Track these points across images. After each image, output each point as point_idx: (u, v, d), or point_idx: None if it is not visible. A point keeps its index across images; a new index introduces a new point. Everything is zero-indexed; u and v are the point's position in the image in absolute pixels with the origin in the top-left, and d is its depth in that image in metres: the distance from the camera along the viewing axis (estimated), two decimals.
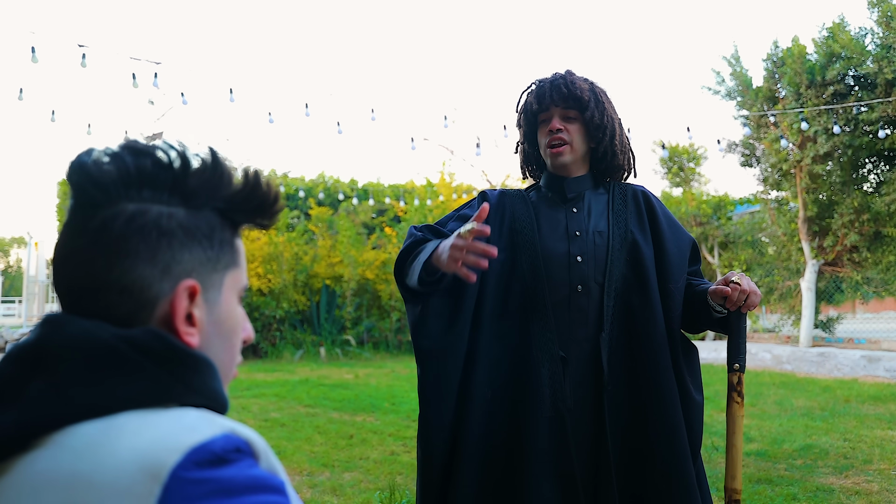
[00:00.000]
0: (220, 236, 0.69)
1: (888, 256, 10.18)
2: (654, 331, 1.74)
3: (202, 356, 0.66)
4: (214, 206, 0.69)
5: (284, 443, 5.15)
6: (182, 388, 0.63)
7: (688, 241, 1.90)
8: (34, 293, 19.89)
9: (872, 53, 9.69)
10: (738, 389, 1.73)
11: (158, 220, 0.65)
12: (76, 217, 0.66)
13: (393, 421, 6.03)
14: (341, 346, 12.10)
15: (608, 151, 1.83)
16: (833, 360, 9.19)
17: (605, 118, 1.81)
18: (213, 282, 0.69)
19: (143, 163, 0.66)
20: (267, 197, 0.71)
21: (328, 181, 15.45)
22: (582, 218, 1.82)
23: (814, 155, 10.14)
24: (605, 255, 1.77)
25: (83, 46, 7.45)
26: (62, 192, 15.48)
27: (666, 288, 1.78)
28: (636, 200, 1.86)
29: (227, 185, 0.69)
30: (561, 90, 1.80)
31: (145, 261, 0.64)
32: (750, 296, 1.67)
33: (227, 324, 0.71)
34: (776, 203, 11.61)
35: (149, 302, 0.65)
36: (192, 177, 0.67)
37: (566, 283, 1.76)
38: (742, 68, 11.15)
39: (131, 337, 0.62)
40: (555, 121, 1.81)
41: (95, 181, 0.65)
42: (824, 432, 5.40)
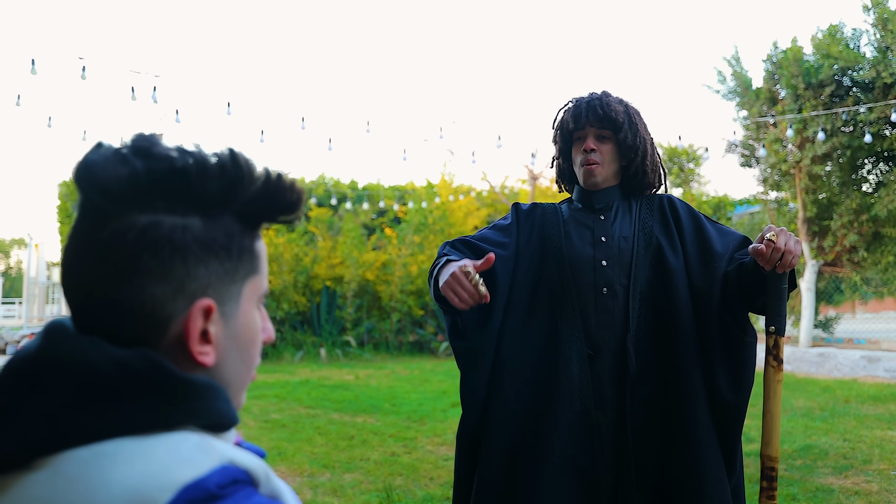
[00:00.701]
0: (240, 244, 0.65)
1: (887, 257, 10.19)
2: (680, 333, 1.77)
3: (203, 382, 0.62)
4: (234, 211, 0.64)
5: (285, 444, 5.16)
6: (180, 414, 0.60)
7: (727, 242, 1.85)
8: (34, 295, 19.88)
9: (868, 59, 9.70)
10: (774, 353, 1.67)
11: (172, 234, 0.60)
12: (83, 225, 0.61)
13: (393, 422, 6.04)
14: (342, 347, 12.10)
15: (639, 170, 1.91)
16: (833, 360, 9.20)
17: (638, 139, 1.89)
18: (231, 294, 0.65)
19: (155, 168, 0.60)
20: (290, 196, 0.67)
21: (328, 182, 15.46)
22: (608, 225, 1.89)
23: (813, 156, 10.15)
24: (630, 259, 1.84)
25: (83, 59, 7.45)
26: (63, 193, 15.48)
27: (693, 289, 1.79)
28: (662, 208, 1.92)
29: (248, 188, 0.64)
30: (597, 111, 1.87)
31: (157, 279, 0.60)
32: (784, 255, 1.58)
33: (244, 336, 0.67)
34: (776, 204, 11.62)
35: (161, 322, 0.61)
36: (209, 182, 0.62)
37: (592, 286, 1.83)
38: (742, 69, 11.17)
39: (126, 362, 0.59)
40: (589, 140, 1.89)
41: (103, 189, 0.60)
42: (824, 432, 5.41)
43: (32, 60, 8.42)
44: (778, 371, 1.66)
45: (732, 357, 1.77)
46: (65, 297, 0.64)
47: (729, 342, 1.77)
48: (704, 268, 1.82)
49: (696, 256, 1.84)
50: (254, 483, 0.59)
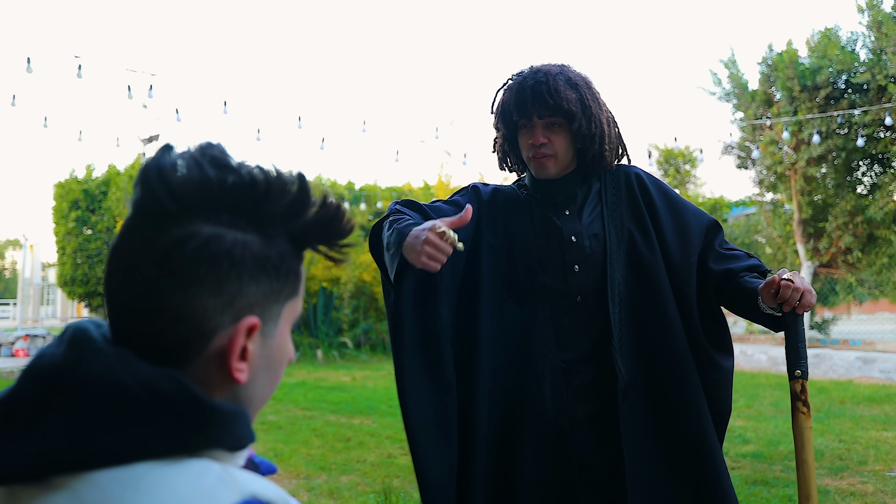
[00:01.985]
0: (288, 265, 0.65)
1: (881, 258, 10.24)
2: (667, 331, 1.64)
3: (228, 409, 0.61)
4: (289, 232, 0.64)
5: (281, 446, 5.15)
6: (203, 440, 0.59)
7: (700, 222, 1.74)
8: (29, 296, 19.81)
9: (863, 62, 9.75)
10: (802, 398, 1.54)
11: (233, 248, 0.60)
12: (143, 225, 0.60)
13: (390, 423, 6.03)
14: (338, 348, 12.10)
15: (596, 154, 1.70)
16: (828, 361, 9.23)
17: (594, 125, 1.66)
18: (273, 314, 0.65)
19: (226, 179, 0.60)
20: (344, 226, 0.67)
21: (325, 183, 15.45)
22: (574, 220, 1.70)
23: (808, 158, 10.19)
24: (603, 260, 1.67)
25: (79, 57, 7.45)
26: (58, 194, 15.42)
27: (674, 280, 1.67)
28: (630, 188, 1.73)
29: (307, 214, 0.65)
30: (545, 101, 1.63)
31: (211, 291, 0.60)
32: (805, 294, 1.53)
33: (277, 356, 0.67)
34: (771, 205, 11.67)
35: (206, 333, 0.60)
36: (273, 202, 0.62)
37: (564, 295, 1.66)
38: (738, 71, 11.20)
39: (154, 385, 0.57)
40: (537, 134, 1.66)
41: (174, 192, 0.59)
42: (819, 433, 5.42)
43: (28, 59, 8.40)
44: (808, 418, 1.54)
45: (714, 340, 1.69)
46: (105, 294, 0.63)
47: (707, 325, 1.69)
48: (683, 259, 1.69)
49: (676, 247, 1.69)
50: None
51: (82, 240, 15.03)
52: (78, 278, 14.94)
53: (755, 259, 1.73)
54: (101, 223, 14.93)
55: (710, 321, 1.71)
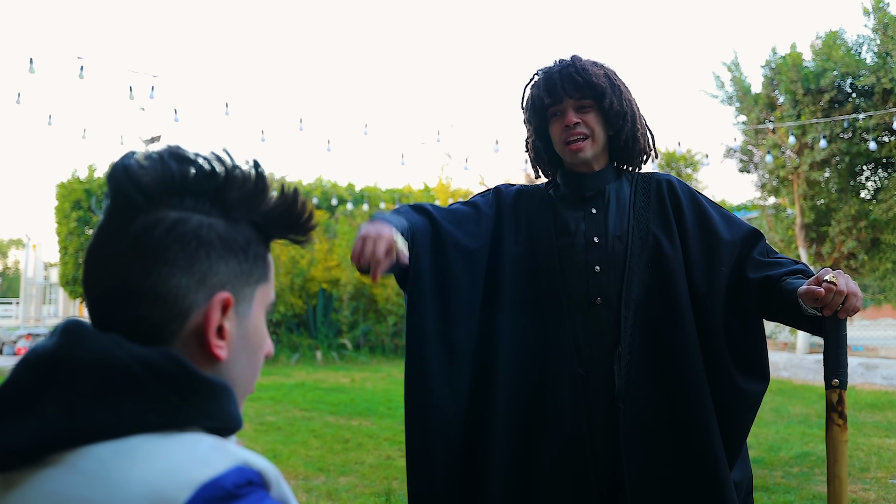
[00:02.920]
0: (255, 250, 0.69)
1: (885, 263, 10.20)
2: (683, 343, 1.58)
3: (218, 382, 0.64)
4: (252, 220, 0.69)
5: (280, 447, 5.13)
6: (195, 413, 0.61)
7: (734, 232, 1.66)
8: (31, 295, 19.83)
9: (869, 65, 9.72)
10: (838, 409, 1.46)
11: (199, 229, 0.64)
12: (114, 220, 0.65)
13: (389, 425, 6.01)
14: (338, 349, 12.08)
15: (629, 138, 1.67)
16: None
17: (624, 103, 1.65)
18: (245, 295, 0.68)
19: (186, 170, 0.65)
20: (302, 214, 0.71)
21: (325, 185, 15.45)
22: (600, 221, 1.67)
23: (811, 162, 10.16)
24: (624, 263, 1.63)
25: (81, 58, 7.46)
26: (60, 195, 15.44)
27: (695, 293, 1.61)
28: (660, 195, 1.69)
29: (267, 200, 0.69)
30: (574, 79, 1.62)
31: (183, 270, 0.63)
32: (848, 297, 1.43)
33: (254, 338, 0.70)
34: (774, 209, 11.63)
35: (182, 312, 0.64)
36: (233, 189, 0.67)
37: (584, 296, 1.62)
38: (741, 74, 11.18)
39: (148, 359, 0.61)
40: (570, 114, 1.64)
41: (139, 185, 0.64)
42: (821, 440, 5.39)
43: (31, 59, 8.41)
44: (843, 430, 1.46)
45: (743, 361, 1.60)
46: (85, 291, 0.66)
47: (737, 343, 1.61)
48: (708, 271, 1.62)
49: (700, 256, 1.63)
50: (266, 486, 0.61)
51: (84, 240, 15.05)
52: (80, 278, 14.87)
53: (801, 264, 1.63)
54: None
55: (742, 340, 1.61)
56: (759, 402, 1.62)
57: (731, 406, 1.59)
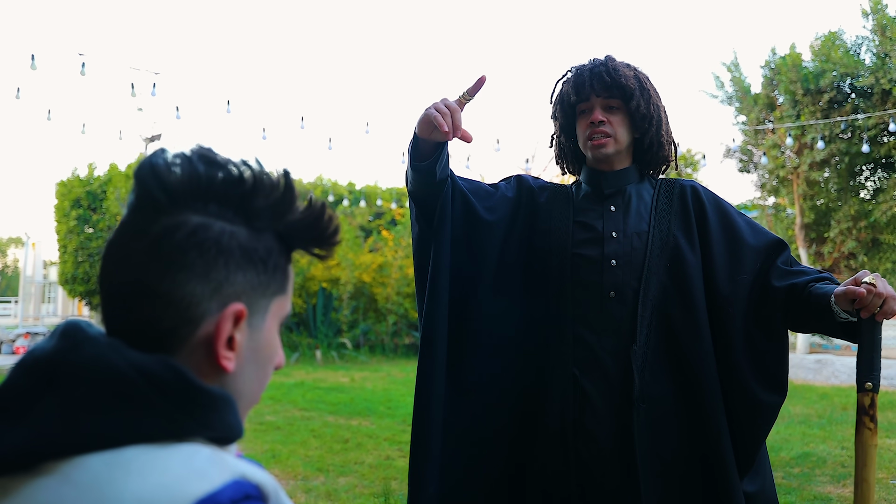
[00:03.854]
0: (276, 261, 0.68)
1: (885, 263, 10.20)
2: (698, 347, 1.56)
3: (218, 393, 0.63)
4: (276, 230, 0.67)
5: (279, 447, 5.12)
6: (193, 423, 0.60)
7: (759, 241, 1.64)
8: (30, 293, 19.81)
9: (868, 66, 9.73)
10: (870, 413, 1.44)
11: (220, 237, 0.63)
12: (136, 218, 0.64)
13: (389, 425, 6.00)
14: (337, 349, 12.07)
15: (654, 142, 1.68)
16: (830, 366, 9.19)
17: (651, 107, 1.66)
18: (260, 307, 0.67)
19: (214, 174, 0.64)
20: (328, 228, 0.70)
21: (326, 184, 15.44)
22: (619, 217, 1.66)
23: (811, 162, 10.16)
24: (643, 260, 1.61)
25: (83, 55, 7.43)
26: (60, 193, 15.42)
27: (714, 299, 1.60)
28: (683, 199, 1.68)
29: (293, 211, 0.68)
30: (603, 78, 1.63)
31: (199, 277, 0.62)
32: (887, 300, 1.42)
33: (265, 351, 0.69)
34: (774, 209, 11.63)
35: (194, 319, 0.63)
36: (260, 197, 0.66)
37: (598, 289, 1.61)
38: (741, 75, 11.18)
39: (147, 368, 0.59)
40: (596, 112, 1.65)
41: (165, 185, 0.63)
42: (822, 440, 5.39)
43: (32, 56, 8.40)
44: (874, 434, 1.44)
45: (761, 371, 1.59)
46: (100, 286, 0.65)
47: (757, 353, 1.59)
48: (731, 276, 1.61)
49: (724, 261, 1.62)
50: (264, 499, 0.60)
51: (83, 238, 15.03)
52: (79, 277, 14.94)
53: (826, 273, 1.62)
54: (102, 222, 14.93)
55: (762, 350, 1.59)
56: (774, 414, 1.60)
57: (745, 415, 1.57)
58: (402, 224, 13.03)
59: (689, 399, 1.57)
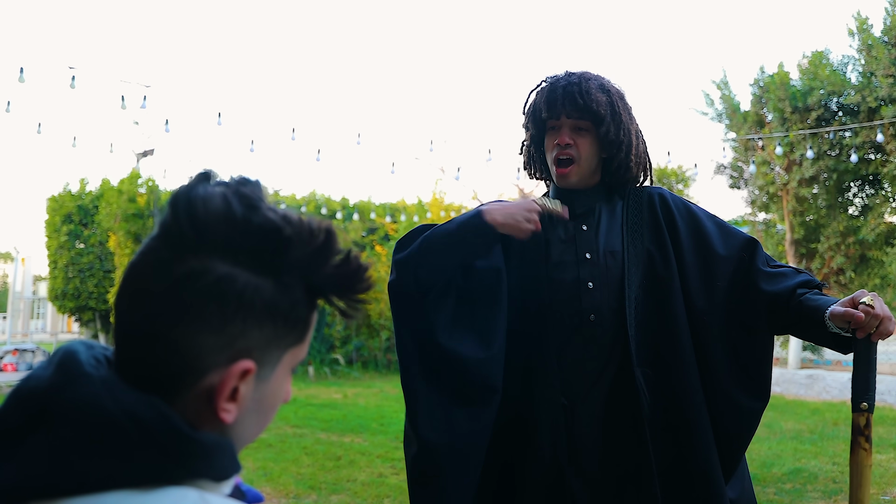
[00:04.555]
0: (298, 314, 0.65)
1: (874, 279, 10.29)
2: (681, 361, 1.57)
3: (210, 441, 0.61)
4: (306, 282, 0.64)
5: (271, 464, 5.09)
6: (181, 471, 0.59)
7: (730, 243, 1.65)
8: (19, 309, 19.65)
9: (854, 84, 9.86)
10: (865, 434, 1.43)
11: (243, 291, 0.60)
12: (163, 251, 0.61)
13: (381, 442, 5.98)
14: (330, 364, 12.03)
15: (622, 165, 1.66)
16: (821, 382, 9.22)
17: (622, 132, 1.64)
18: (271, 359, 0.64)
19: (251, 219, 0.61)
20: (362, 284, 0.67)
21: (319, 199, 15.45)
22: (591, 236, 1.65)
23: (800, 178, 10.26)
24: (621, 279, 1.61)
25: (73, 68, 7.43)
26: (51, 208, 15.36)
27: (692, 310, 1.60)
28: (653, 209, 1.68)
29: (328, 267, 0.65)
30: (575, 100, 1.61)
31: (213, 329, 0.60)
32: (884, 321, 1.41)
33: (269, 400, 0.67)
34: (764, 225, 11.72)
35: (199, 370, 0.61)
36: (294, 251, 0.62)
37: (577, 313, 1.60)
38: (730, 92, 11.30)
39: (137, 414, 0.58)
40: (563, 133, 1.63)
41: (197, 221, 0.60)
42: (813, 455, 5.40)
43: (21, 69, 8.39)
44: (868, 455, 1.42)
45: (742, 377, 1.60)
46: (115, 313, 0.63)
47: (738, 359, 1.60)
48: (706, 286, 1.61)
49: (696, 271, 1.62)
50: None
51: (74, 254, 14.96)
52: (69, 292, 14.85)
53: (805, 274, 1.62)
54: (93, 237, 14.87)
55: (743, 355, 1.60)
56: (756, 419, 1.62)
57: (729, 422, 1.59)
58: (394, 239, 13.03)
59: (676, 413, 1.58)
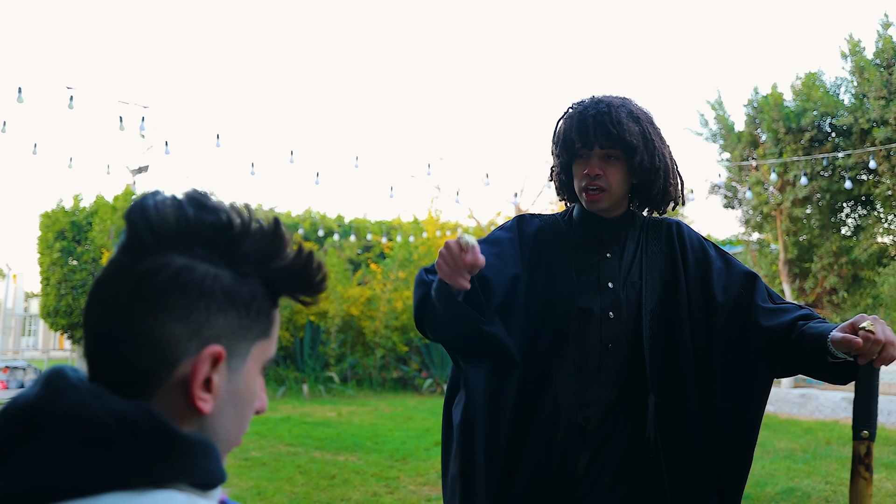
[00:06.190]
0: (259, 306, 0.68)
1: (866, 299, 10.34)
2: (686, 394, 1.59)
3: (197, 439, 0.63)
4: (262, 276, 0.68)
5: (265, 483, 5.07)
6: (171, 470, 0.61)
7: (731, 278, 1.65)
8: (10, 326, 19.53)
9: (847, 106, 9.98)
10: (865, 462, 1.40)
11: (203, 280, 0.64)
12: (123, 258, 0.65)
13: (376, 461, 5.95)
14: (324, 382, 11.98)
15: (660, 191, 1.67)
16: (814, 401, 9.23)
17: (657, 159, 1.63)
18: (241, 350, 0.67)
19: (204, 217, 0.65)
20: (316, 276, 0.71)
21: (315, 217, 15.47)
22: (615, 266, 1.66)
23: (794, 199, 10.34)
24: (638, 310, 1.63)
25: (71, 88, 7.46)
26: (44, 224, 15.32)
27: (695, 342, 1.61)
28: (670, 239, 1.69)
29: (281, 258, 0.69)
30: (608, 130, 1.59)
31: (179, 318, 0.63)
32: (886, 346, 1.37)
33: (243, 394, 0.69)
34: (758, 245, 11.79)
35: (171, 360, 0.63)
36: (247, 243, 0.67)
37: (597, 341, 1.61)
38: (724, 113, 11.41)
39: (125, 415, 0.60)
40: (593, 164, 1.62)
41: (152, 226, 0.64)
42: (806, 475, 5.41)
43: (19, 88, 8.43)
44: (869, 485, 1.39)
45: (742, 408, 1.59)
46: (84, 324, 0.66)
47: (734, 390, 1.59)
48: (705, 322, 1.63)
49: (698, 307, 1.63)
50: None
51: (67, 270, 14.90)
52: (61, 309, 14.77)
53: (807, 309, 1.61)
54: (86, 254, 14.83)
55: (735, 393, 1.60)
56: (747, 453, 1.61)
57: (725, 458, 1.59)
58: (390, 257, 13.05)
59: (679, 444, 1.58)
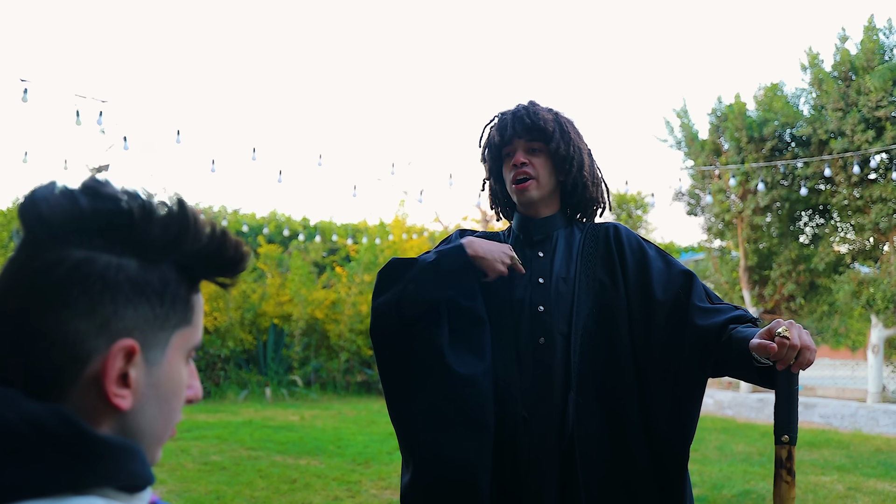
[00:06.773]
0: (174, 293, 0.65)
1: (822, 306, 10.60)
2: (623, 391, 1.61)
3: (117, 442, 0.61)
4: (175, 261, 0.65)
5: (224, 487, 5.00)
6: (91, 476, 0.58)
7: (670, 277, 1.66)
8: None
9: (806, 117, 10.22)
10: (787, 466, 1.43)
11: (105, 271, 0.60)
12: (19, 256, 0.61)
13: (338, 465, 5.92)
14: (288, 386, 11.86)
15: (578, 184, 1.72)
16: (771, 405, 9.41)
17: (572, 148, 1.70)
18: (158, 341, 0.64)
19: (99, 207, 0.61)
20: (234, 256, 0.68)
21: (279, 218, 15.33)
22: (546, 263, 1.71)
23: (754, 207, 10.55)
24: (570, 305, 1.66)
25: (25, 81, 7.26)
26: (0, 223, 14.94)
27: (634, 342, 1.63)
28: (607, 241, 1.72)
29: (191, 241, 0.65)
30: (524, 121, 1.69)
31: (83, 313, 0.60)
32: (802, 351, 1.38)
33: (166, 385, 0.66)
34: (719, 252, 12.00)
35: (80, 357, 0.60)
36: (152, 228, 0.63)
37: (529, 335, 1.65)
38: (689, 121, 11.60)
39: (38, 420, 0.57)
40: (518, 154, 1.70)
41: (43, 220, 0.60)
42: (762, 478, 5.52)
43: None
44: (791, 487, 1.42)
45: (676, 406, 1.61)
46: None
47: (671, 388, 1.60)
48: (644, 321, 1.63)
49: (638, 307, 1.64)
50: None
51: None
52: None
53: (742, 310, 1.62)
54: None
55: (671, 390, 1.60)
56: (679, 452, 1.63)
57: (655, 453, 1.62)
58: (356, 260, 12.98)
59: (617, 442, 1.60)
